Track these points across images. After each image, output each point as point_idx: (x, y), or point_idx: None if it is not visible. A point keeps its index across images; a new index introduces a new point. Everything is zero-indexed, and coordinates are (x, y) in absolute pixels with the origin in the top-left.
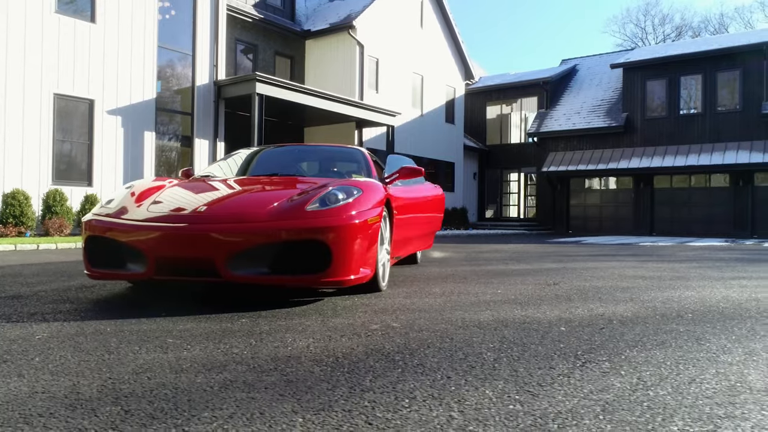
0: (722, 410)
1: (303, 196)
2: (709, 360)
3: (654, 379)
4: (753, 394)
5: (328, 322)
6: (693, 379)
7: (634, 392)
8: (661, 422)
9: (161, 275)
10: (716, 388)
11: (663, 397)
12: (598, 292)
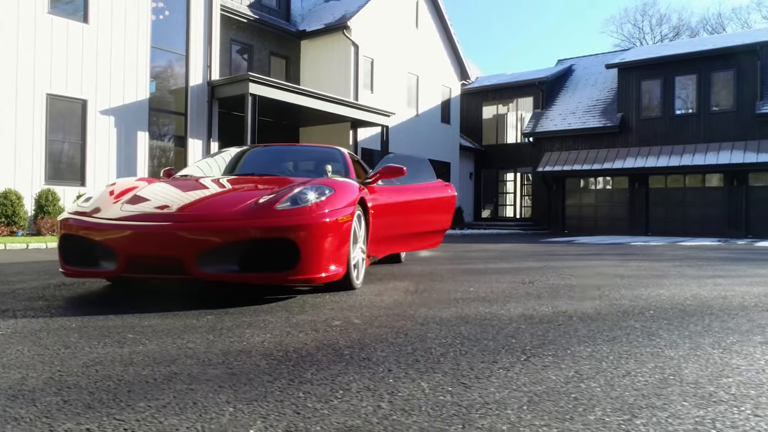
0: (645, 401)
1: (275, 195)
2: (653, 355)
3: (591, 372)
4: (681, 386)
5: (292, 319)
6: (629, 373)
7: (566, 384)
8: (581, 412)
9: (132, 273)
10: (648, 381)
11: (593, 389)
12: (571, 290)
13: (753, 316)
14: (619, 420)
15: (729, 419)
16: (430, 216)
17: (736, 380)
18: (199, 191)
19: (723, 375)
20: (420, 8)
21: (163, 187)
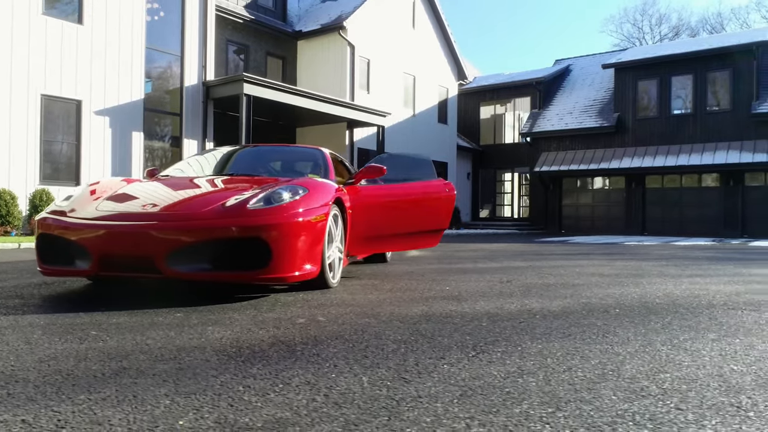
0: (576, 395)
1: (249, 194)
2: (601, 351)
3: (533, 368)
4: (617, 381)
5: (259, 316)
6: (570, 368)
7: (505, 380)
8: (508, 405)
9: (105, 272)
10: (587, 376)
11: (528, 383)
12: (545, 288)
13: (716, 313)
14: (543, 413)
15: (650, 412)
16: (422, 216)
17: (673, 376)
18: (175, 191)
19: (662, 371)
20: (417, 9)
21: (140, 188)
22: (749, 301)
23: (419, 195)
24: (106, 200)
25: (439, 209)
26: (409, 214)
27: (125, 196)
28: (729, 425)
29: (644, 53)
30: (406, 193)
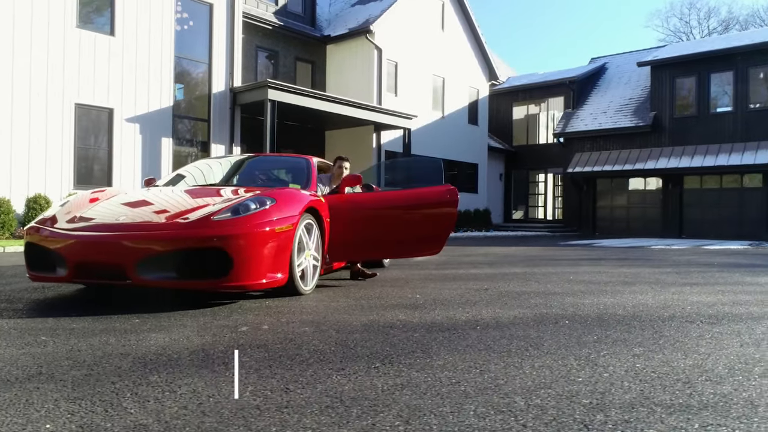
0: (439, 408)
1: (218, 206)
2: (505, 366)
3: (421, 380)
4: (489, 397)
5: (209, 323)
6: (458, 382)
7: (382, 392)
8: (363, 417)
9: (79, 278)
10: (466, 390)
11: (402, 395)
12: (517, 297)
13: (666, 327)
14: (391, 424)
15: (491, 428)
16: (416, 223)
17: (552, 392)
18: (152, 202)
19: (546, 386)
20: (446, 10)
21: (124, 198)
22: (716, 313)
23: (412, 202)
24: (89, 210)
25: (438, 216)
26: (400, 221)
27: (107, 207)
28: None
29: (681, 50)
30: (396, 201)
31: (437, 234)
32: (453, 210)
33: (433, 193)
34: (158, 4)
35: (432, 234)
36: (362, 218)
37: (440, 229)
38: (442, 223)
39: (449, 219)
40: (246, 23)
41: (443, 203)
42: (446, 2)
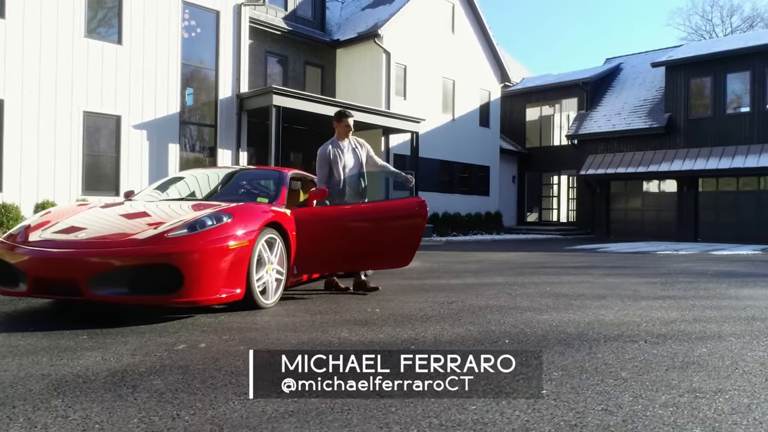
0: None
1: (175, 222)
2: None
3: (319, 407)
4: (384, 424)
5: (153, 340)
6: (348, 409)
7: (270, 420)
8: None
9: (38, 294)
10: (365, 416)
11: (290, 424)
12: (476, 313)
13: (604, 347)
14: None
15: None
16: (383, 235)
17: (436, 422)
18: (115, 218)
19: (434, 415)
20: (456, 13)
21: (86, 215)
22: (668, 332)
23: (381, 214)
24: (52, 226)
25: (407, 228)
26: (369, 234)
27: (70, 223)
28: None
29: (697, 50)
30: (364, 214)
31: (406, 246)
32: (422, 222)
33: (403, 206)
34: (165, 13)
35: (401, 246)
36: (330, 231)
37: (409, 241)
38: (412, 235)
39: (418, 231)
40: (255, 29)
41: (412, 215)
42: (456, 4)
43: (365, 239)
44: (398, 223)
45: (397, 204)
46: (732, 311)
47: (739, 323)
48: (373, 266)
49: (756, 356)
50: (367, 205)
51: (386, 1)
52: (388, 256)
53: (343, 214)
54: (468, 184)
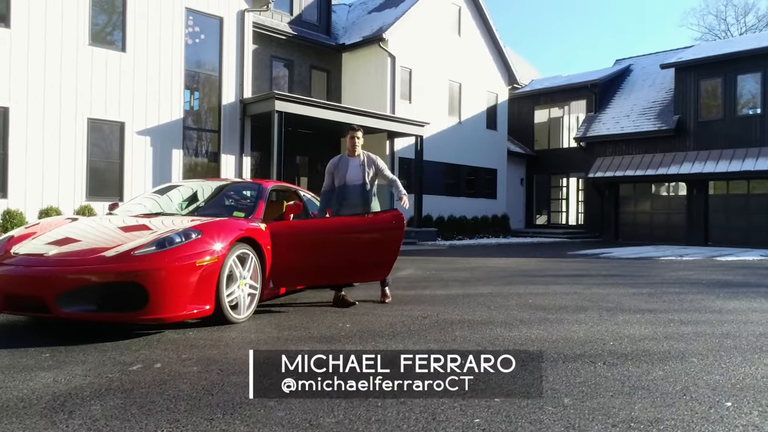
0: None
1: (145, 239)
2: (351, 419)
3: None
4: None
5: (113, 359)
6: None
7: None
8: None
9: (9, 310)
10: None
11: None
12: (446, 328)
13: (562, 367)
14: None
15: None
16: (362, 249)
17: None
18: (88, 234)
19: None
20: (463, 15)
21: (64, 230)
22: (632, 351)
23: (358, 228)
24: (28, 241)
25: (384, 242)
26: (346, 247)
27: (45, 238)
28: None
29: (707, 51)
30: (341, 227)
31: (384, 259)
32: (399, 234)
33: (379, 219)
34: (169, 20)
35: (378, 259)
36: (305, 244)
37: (387, 255)
38: (389, 248)
39: (395, 244)
40: (261, 34)
41: (389, 228)
42: (463, 7)
43: (341, 252)
44: (375, 236)
45: (374, 217)
46: (708, 327)
47: (710, 341)
48: (351, 279)
49: (711, 380)
50: (343, 218)
51: (392, 5)
52: (365, 269)
53: (318, 228)
54: (475, 187)
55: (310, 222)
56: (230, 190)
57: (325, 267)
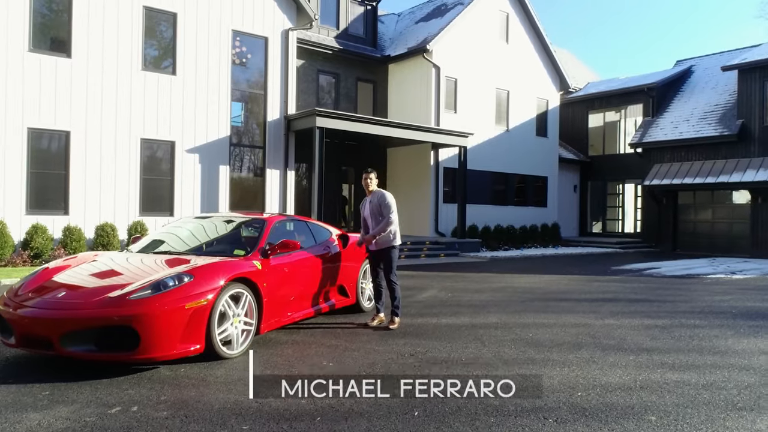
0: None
1: (141, 283)
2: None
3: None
4: None
5: (99, 399)
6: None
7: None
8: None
9: (23, 347)
10: None
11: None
12: (420, 371)
13: (510, 424)
14: None
15: None
16: (319, 280)
17: None
18: (94, 276)
19: None
20: (511, 22)
21: (78, 271)
22: (597, 405)
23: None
24: (44, 281)
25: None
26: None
27: (56, 280)
28: None
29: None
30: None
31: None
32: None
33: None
34: (216, 43)
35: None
36: (284, 278)
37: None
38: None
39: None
40: (307, 50)
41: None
42: (511, 14)
43: (310, 281)
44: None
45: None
46: (696, 374)
47: (686, 393)
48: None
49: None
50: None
51: (438, 15)
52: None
53: (292, 262)
54: (523, 196)
55: (287, 258)
56: (236, 228)
57: (300, 296)
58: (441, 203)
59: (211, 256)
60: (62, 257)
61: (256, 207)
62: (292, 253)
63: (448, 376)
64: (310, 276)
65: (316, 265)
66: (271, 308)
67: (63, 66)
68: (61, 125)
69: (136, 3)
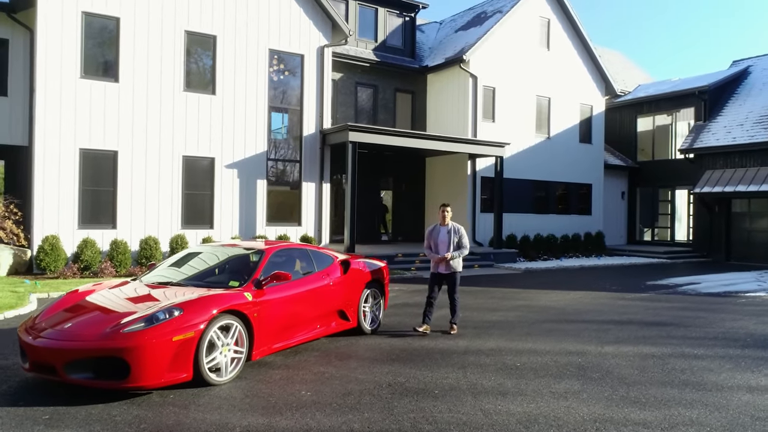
0: None
1: (137, 315)
2: None
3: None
4: None
5: (87, 427)
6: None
7: None
8: None
9: (34, 372)
10: None
11: None
12: (388, 403)
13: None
14: None
15: None
16: (314, 307)
17: None
18: (98, 310)
19: None
20: (552, 28)
21: (80, 305)
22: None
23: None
24: (55, 311)
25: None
26: (308, 305)
27: (64, 312)
28: None
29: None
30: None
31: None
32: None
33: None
34: (254, 61)
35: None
36: (275, 306)
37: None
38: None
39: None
40: (346, 63)
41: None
42: (552, 19)
43: (308, 310)
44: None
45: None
46: (662, 414)
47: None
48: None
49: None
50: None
51: (477, 23)
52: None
53: (287, 291)
54: (566, 203)
55: (279, 288)
56: (235, 258)
57: (295, 323)
58: (479, 212)
59: (207, 287)
60: (108, 270)
61: (293, 219)
62: (287, 282)
63: (408, 411)
64: (308, 303)
65: (313, 292)
66: (262, 337)
67: (111, 90)
68: (109, 145)
69: (179, 28)
